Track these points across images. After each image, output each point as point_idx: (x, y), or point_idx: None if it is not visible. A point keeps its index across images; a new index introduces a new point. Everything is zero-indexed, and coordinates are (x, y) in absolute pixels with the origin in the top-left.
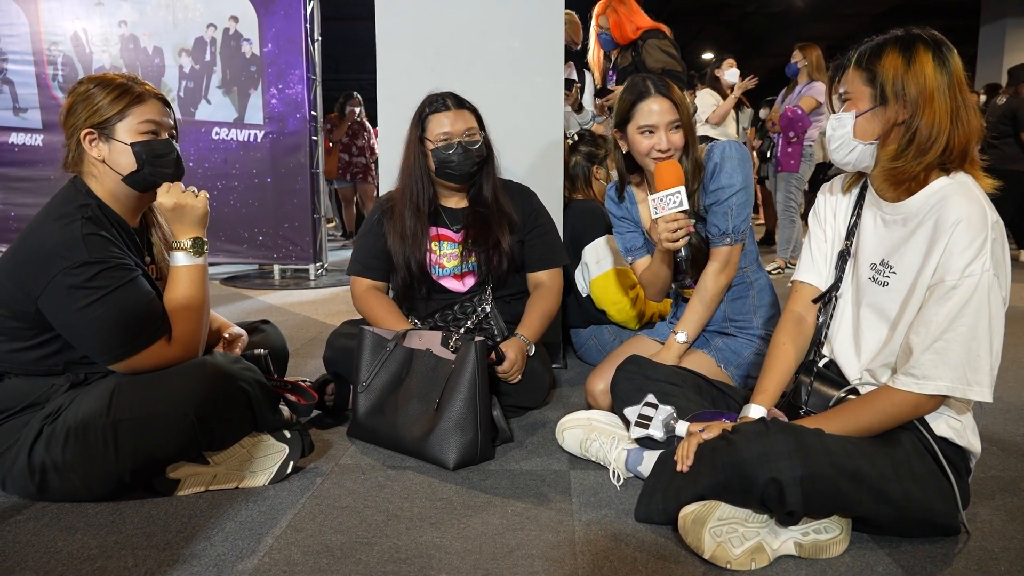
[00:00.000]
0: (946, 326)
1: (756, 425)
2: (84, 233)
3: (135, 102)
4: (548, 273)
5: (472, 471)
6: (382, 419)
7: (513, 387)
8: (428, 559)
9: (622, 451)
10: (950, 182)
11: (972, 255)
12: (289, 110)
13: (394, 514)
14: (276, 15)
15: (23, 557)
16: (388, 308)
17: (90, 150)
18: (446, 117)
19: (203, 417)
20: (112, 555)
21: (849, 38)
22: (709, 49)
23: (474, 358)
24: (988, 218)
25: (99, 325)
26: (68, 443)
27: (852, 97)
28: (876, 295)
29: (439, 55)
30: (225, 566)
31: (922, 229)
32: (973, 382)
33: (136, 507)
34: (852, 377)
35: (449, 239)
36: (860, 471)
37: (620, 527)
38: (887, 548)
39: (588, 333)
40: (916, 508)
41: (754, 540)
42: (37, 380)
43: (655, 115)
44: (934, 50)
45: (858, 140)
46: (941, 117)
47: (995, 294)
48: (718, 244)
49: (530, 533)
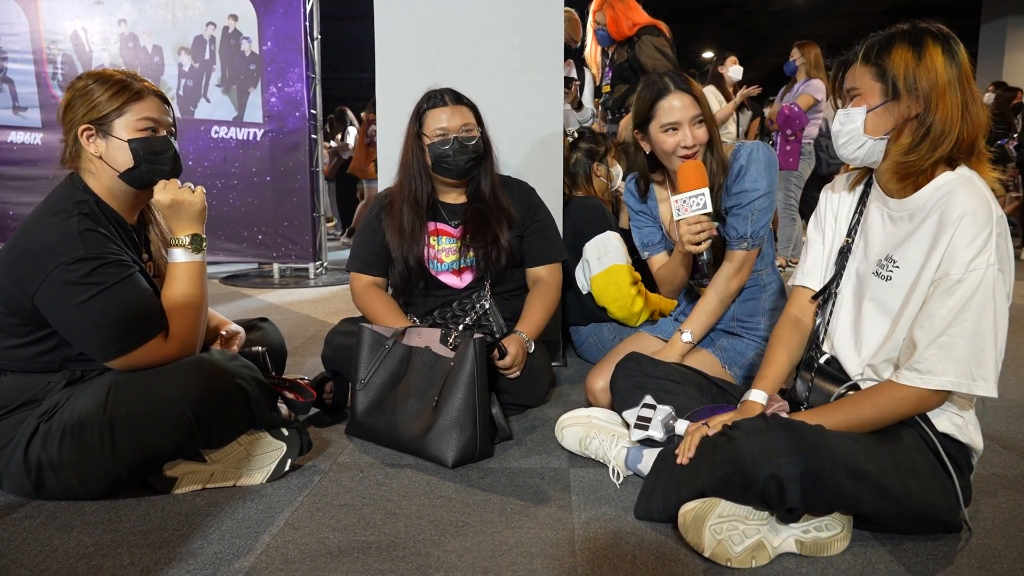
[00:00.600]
0: (951, 320)
1: (756, 421)
2: (80, 229)
3: (134, 99)
4: (547, 268)
5: (471, 469)
6: (381, 417)
7: (512, 385)
8: (426, 557)
9: (622, 449)
10: (955, 176)
11: (977, 249)
12: (288, 109)
13: (392, 512)
14: (275, 13)
15: (19, 555)
16: (387, 305)
17: (87, 146)
18: (443, 112)
19: (200, 414)
20: (108, 553)
21: (849, 37)
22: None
23: (473, 355)
24: (993, 212)
25: (95, 321)
26: (64, 441)
27: (861, 92)
28: (878, 289)
29: (439, 53)
30: (222, 564)
31: (927, 223)
32: (978, 377)
33: (133, 505)
34: (853, 373)
35: (448, 234)
36: (861, 467)
37: (619, 525)
38: (889, 546)
39: (588, 331)
40: (917, 505)
41: (755, 538)
42: (33, 377)
43: (677, 111)
44: (943, 43)
45: (868, 136)
46: (953, 110)
47: (999, 289)
48: (735, 247)
49: (529, 531)
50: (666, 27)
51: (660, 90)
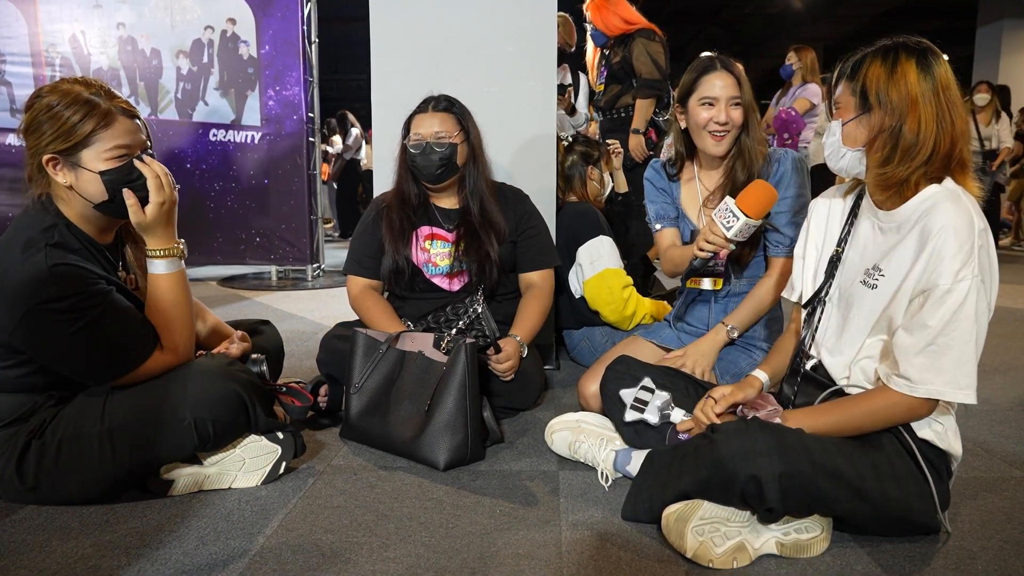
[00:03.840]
0: (940, 329)
1: (737, 423)
2: (50, 264)
3: (102, 126)
4: (540, 274)
5: (462, 471)
6: (374, 420)
7: (505, 388)
8: (416, 558)
9: (610, 452)
10: (940, 190)
11: (962, 260)
12: (286, 112)
13: (384, 514)
14: (273, 17)
15: (18, 557)
16: (383, 309)
17: (55, 175)
18: (423, 118)
19: (200, 419)
20: (106, 555)
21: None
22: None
23: (465, 360)
24: (975, 225)
25: (85, 354)
26: (61, 453)
27: (841, 106)
28: (864, 298)
29: (434, 60)
30: (217, 565)
31: (912, 235)
32: (965, 386)
33: (130, 507)
34: (838, 379)
35: (442, 238)
36: (839, 469)
37: (607, 527)
38: (867, 547)
39: (581, 335)
40: (894, 507)
41: (736, 539)
42: (19, 396)
43: (717, 88)
44: (917, 57)
45: (847, 147)
46: (926, 122)
47: (981, 301)
48: (778, 254)
49: (518, 533)
50: (660, 32)
51: (706, 67)
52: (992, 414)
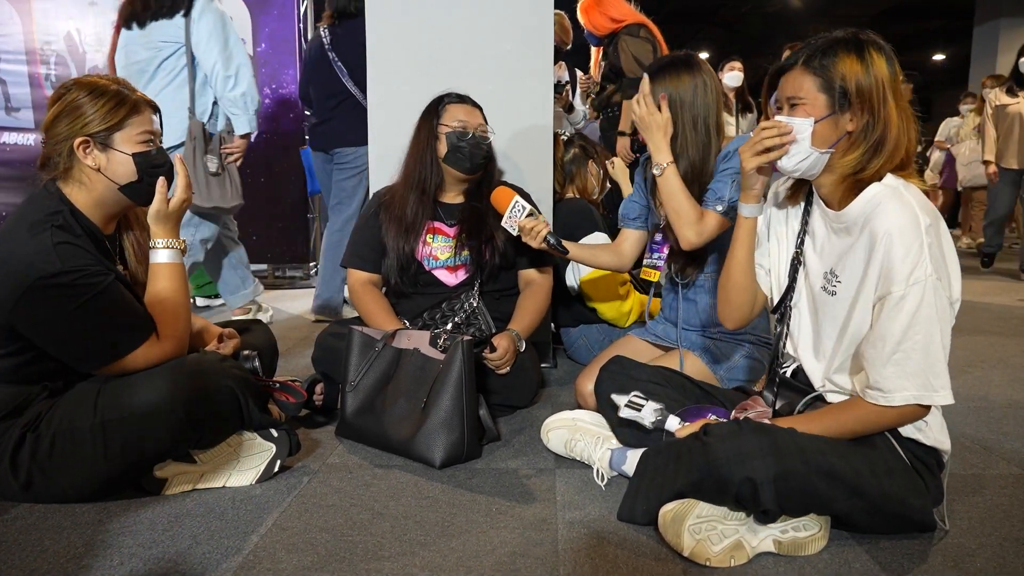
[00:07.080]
0: (901, 336)
1: (730, 425)
2: (55, 242)
3: (132, 112)
4: (539, 271)
5: (458, 470)
6: (370, 418)
7: (502, 386)
8: (411, 556)
9: (606, 451)
10: (882, 188)
11: (913, 262)
12: (283, 110)
13: (379, 512)
14: (270, 15)
15: (10, 556)
16: (381, 306)
17: (84, 158)
18: (463, 108)
19: (192, 415)
20: (98, 554)
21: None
22: (706, 50)
23: (461, 357)
24: (920, 223)
25: (83, 333)
26: (55, 448)
27: (805, 102)
28: (827, 304)
29: (431, 58)
30: (211, 564)
31: (862, 238)
32: (938, 387)
33: (123, 506)
34: (817, 384)
35: (443, 233)
36: (833, 468)
37: (602, 526)
38: (865, 545)
39: (578, 332)
40: (891, 504)
41: (733, 537)
42: (14, 388)
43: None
44: (883, 51)
45: (815, 148)
46: (901, 120)
47: (941, 297)
48: (709, 206)
49: (514, 531)
50: (652, 25)
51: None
52: (989, 411)
